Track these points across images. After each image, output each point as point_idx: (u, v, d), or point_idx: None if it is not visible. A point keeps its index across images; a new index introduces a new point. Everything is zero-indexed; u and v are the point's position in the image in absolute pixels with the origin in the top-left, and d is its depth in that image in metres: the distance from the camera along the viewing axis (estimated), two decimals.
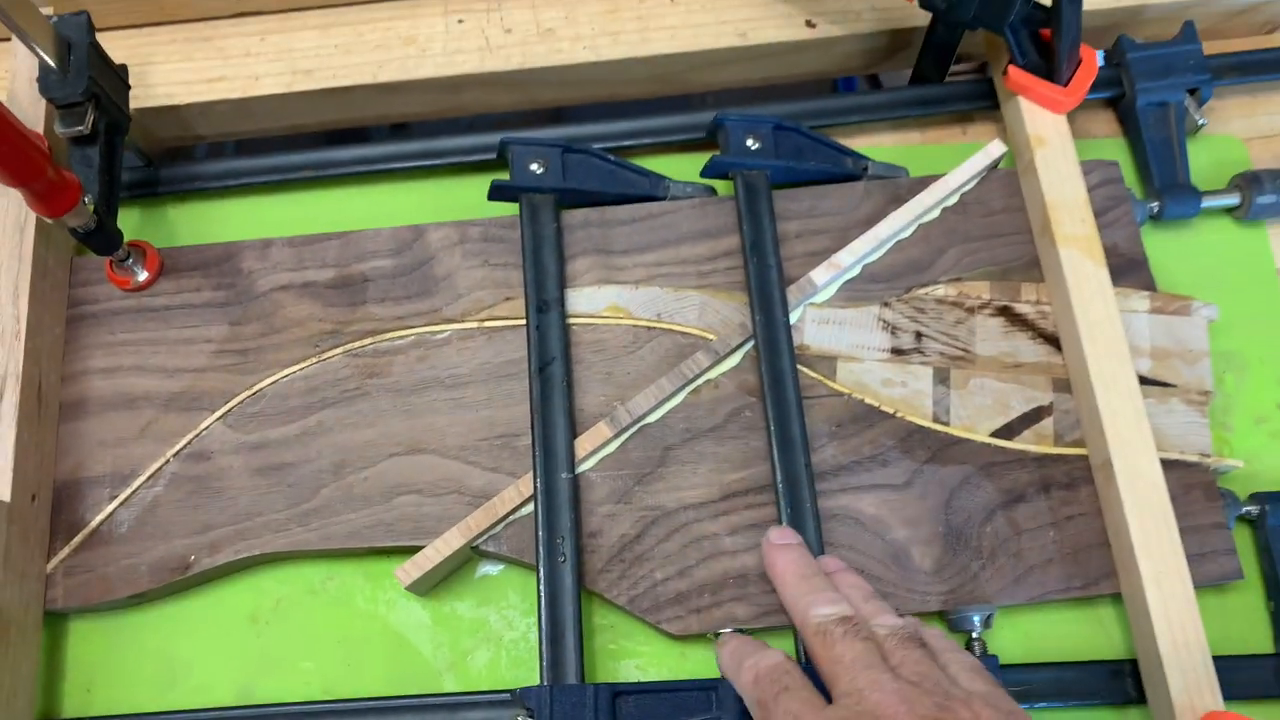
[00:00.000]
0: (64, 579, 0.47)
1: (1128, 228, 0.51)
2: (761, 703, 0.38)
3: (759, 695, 0.38)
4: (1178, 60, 0.54)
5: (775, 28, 0.57)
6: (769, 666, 0.39)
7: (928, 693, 0.35)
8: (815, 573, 0.42)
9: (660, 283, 0.51)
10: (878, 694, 0.35)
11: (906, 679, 0.36)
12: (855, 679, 0.36)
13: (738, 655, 0.41)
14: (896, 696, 0.35)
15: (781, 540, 0.44)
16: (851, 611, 0.39)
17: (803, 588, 0.41)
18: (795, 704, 0.36)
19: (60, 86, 0.47)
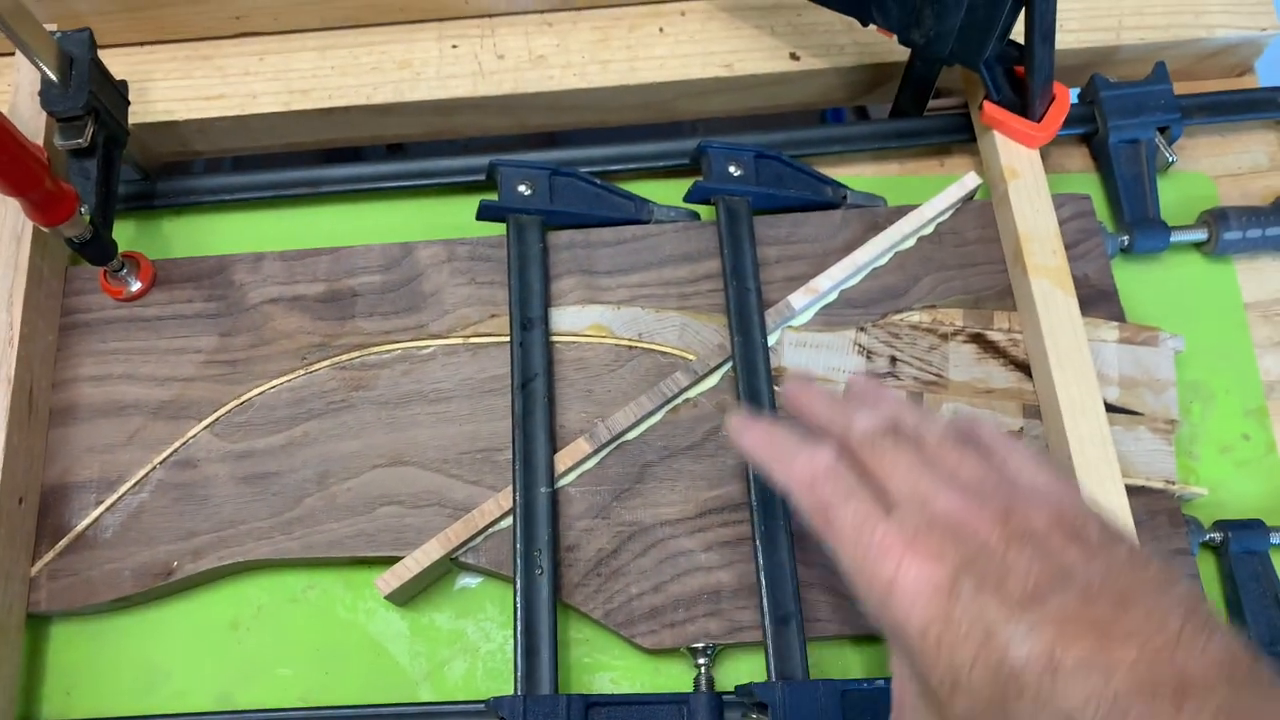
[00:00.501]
0: (48, 582, 0.48)
1: (1098, 260, 0.53)
2: (822, 507, 0.35)
3: (819, 499, 0.35)
4: (1149, 99, 0.56)
5: (760, 60, 0.59)
6: (828, 468, 0.36)
7: (990, 495, 0.33)
8: (839, 398, 0.40)
9: (642, 303, 0.52)
10: (942, 500, 0.33)
11: (967, 483, 0.34)
12: (916, 485, 0.34)
13: (783, 450, 0.38)
14: (962, 501, 0.33)
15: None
16: (895, 420, 0.37)
17: (837, 407, 0.39)
18: (863, 510, 0.34)
19: (61, 100, 0.48)
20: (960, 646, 0.30)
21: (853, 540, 0.34)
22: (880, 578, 0.32)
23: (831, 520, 0.35)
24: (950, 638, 0.30)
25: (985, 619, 0.29)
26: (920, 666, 0.31)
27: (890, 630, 0.33)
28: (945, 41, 0.51)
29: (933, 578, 0.31)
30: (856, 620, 0.46)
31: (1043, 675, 0.28)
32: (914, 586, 0.31)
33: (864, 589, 0.33)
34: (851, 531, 0.34)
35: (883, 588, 0.32)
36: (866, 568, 0.33)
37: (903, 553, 0.32)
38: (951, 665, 0.30)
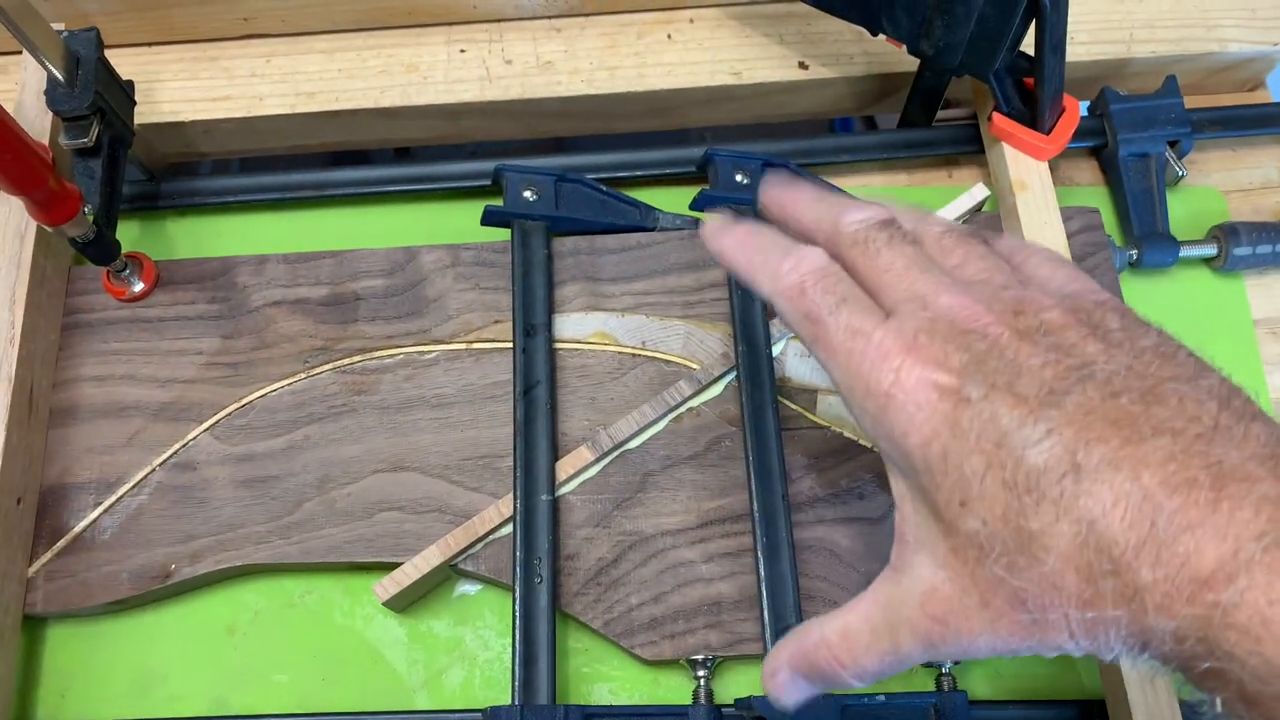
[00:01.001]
0: (45, 583, 0.47)
1: (1107, 274, 0.52)
2: (812, 316, 0.31)
3: (808, 307, 0.31)
4: (1159, 113, 0.55)
5: (769, 68, 0.59)
6: (817, 270, 0.32)
7: (998, 291, 0.30)
8: (828, 196, 0.35)
9: (646, 311, 0.52)
10: (945, 296, 0.29)
11: (971, 279, 0.31)
12: (913, 285, 0.30)
13: (766, 252, 0.34)
14: (966, 298, 0.29)
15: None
16: (890, 216, 0.33)
17: (824, 204, 0.34)
18: (857, 317, 0.30)
19: (67, 99, 0.48)
20: (969, 457, 0.27)
21: (845, 350, 0.30)
22: (877, 389, 0.29)
23: (821, 330, 0.31)
24: (958, 448, 0.27)
25: (997, 424, 0.27)
26: (924, 485, 0.29)
27: (889, 448, 0.30)
28: (955, 52, 0.51)
29: (936, 382, 0.28)
30: None
31: (1064, 479, 0.25)
32: (915, 394, 0.28)
33: (859, 404, 0.30)
34: (844, 340, 0.30)
35: (880, 400, 0.29)
36: (861, 379, 0.30)
37: (901, 358, 0.29)
38: (960, 479, 0.27)
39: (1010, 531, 0.26)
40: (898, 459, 0.30)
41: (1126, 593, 0.25)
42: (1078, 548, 0.25)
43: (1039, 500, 0.26)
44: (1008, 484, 0.26)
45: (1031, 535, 0.26)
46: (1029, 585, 0.26)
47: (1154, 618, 0.24)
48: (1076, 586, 0.26)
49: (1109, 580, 0.25)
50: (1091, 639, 0.26)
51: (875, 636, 0.31)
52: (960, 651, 0.29)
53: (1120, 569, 0.25)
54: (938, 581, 0.29)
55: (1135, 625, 0.25)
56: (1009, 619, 0.27)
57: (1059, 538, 0.26)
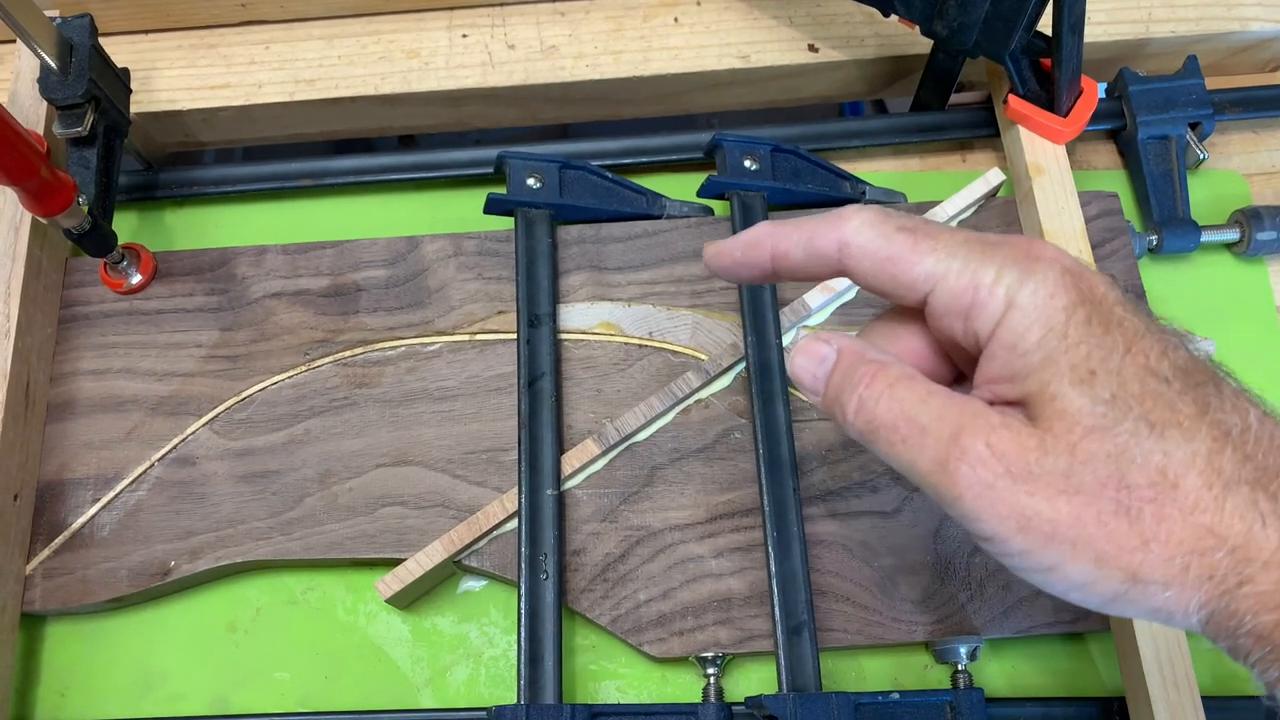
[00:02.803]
0: (43, 581, 0.47)
1: (1125, 260, 0.51)
2: (907, 228, 0.30)
3: (897, 223, 0.30)
4: (1180, 94, 0.54)
5: (778, 51, 0.57)
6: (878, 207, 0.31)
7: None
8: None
9: (653, 301, 0.51)
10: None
11: None
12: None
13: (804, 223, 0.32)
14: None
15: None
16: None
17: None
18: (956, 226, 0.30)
19: (60, 88, 0.47)
20: (1111, 328, 0.27)
21: (962, 237, 0.29)
22: (1013, 255, 0.28)
23: (923, 229, 0.30)
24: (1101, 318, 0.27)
25: (1137, 314, 0.27)
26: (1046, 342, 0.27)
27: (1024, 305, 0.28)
28: (970, 33, 0.49)
29: (1075, 263, 0.28)
30: (872, 630, 0.45)
31: (1204, 388, 0.26)
32: (1065, 261, 0.28)
33: (984, 277, 0.28)
34: (955, 232, 0.29)
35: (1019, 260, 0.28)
36: (992, 252, 0.28)
37: (1030, 239, 0.29)
38: (1101, 348, 0.26)
39: (1140, 412, 0.26)
40: (1024, 329, 0.27)
41: (1253, 508, 0.25)
42: (1213, 451, 0.25)
43: (1182, 391, 0.26)
44: (1148, 368, 0.26)
45: (1166, 422, 0.25)
46: (1140, 471, 0.25)
47: (1265, 552, 0.24)
48: (1196, 490, 0.25)
49: (1239, 491, 0.25)
50: (1172, 561, 0.25)
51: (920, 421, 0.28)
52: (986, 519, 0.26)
53: (1256, 484, 0.25)
54: (1017, 428, 0.27)
55: (1239, 555, 0.25)
56: (1089, 504, 0.25)
57: (1194, 435, 0.25)
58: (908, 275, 0.29)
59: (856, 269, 0.30)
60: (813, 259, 0.31)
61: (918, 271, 0.29)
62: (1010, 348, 0.27)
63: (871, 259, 0.30)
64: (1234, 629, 0.25)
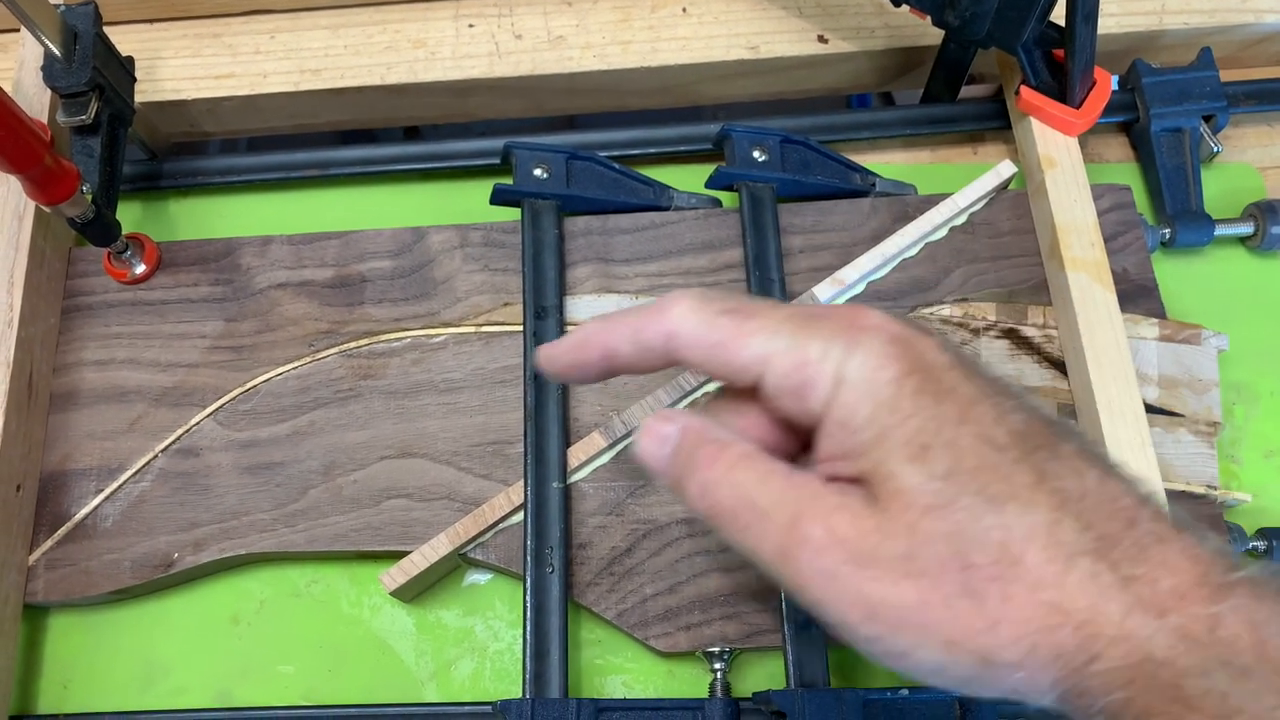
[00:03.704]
0: (45, 572, 0.46)
1: (1138, 253, 0.50)
2: (731, 310, 0.29)
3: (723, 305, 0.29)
4: (1194, 86, 0.53)
5: (787, 42, 0.57)
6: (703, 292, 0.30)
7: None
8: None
9: (661, 293, 0.50)
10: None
11: None
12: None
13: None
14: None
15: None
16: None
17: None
18: (783, 305, 0.29)
19: (64, 75, 0.47)
20: (943, 398, 0.26)
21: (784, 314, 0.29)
22: (838, 329, 0.27)
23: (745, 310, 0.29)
24: (933, 389, 0.26)
25: (971, 381, 0.27)
26: (877, 418, 0.26)
27: (852, 382, 0.27)
28: (982, 23, 0.49)
29: (906, 329, 0.27)
30: None
31: (1040, 452, 0.26)
32: (892, 329, 0.27)
33: (809, 354, 0.27)
34: (780, 310, 0.29)
35: (844, 334, 0.27)
36: (815, 327, 0.28)
37: (856, 309, 0.28)
38: (935, 421, 0.26)
39: (976, 486, 0.25)
40: (854, 407, 0.26)
41: (1094, 583, 0.24)
42: (1052, 522, 0.24)
43: (1018, 460, 0.25)
44: (983, 437, 0.25)
45: (1004, 495, 0.25)
46: (982, 550, 0.24)
47: (1112, 625, 0.23)
48: (1039, 564, 0.24)
49: (1081, 563, 0.24)
50: (1021, 640, 0.24)
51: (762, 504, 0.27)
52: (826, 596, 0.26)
53: (1098, 554, 0.24)
54: (856, 510, 0.26)
55: (1085, 632, 0.24)
56: (933, 587, 0.24)
57: (1034, 505, 0.25)
58: (737, 360, 0.28)
59: (687, 358, 0.29)
60: (644, 353, 0.30)
61: (746, 355, 0.28)
62: (843, 425, 0.26)
63: (699, 347, 0.29)
64: (1087, 707, 0.24)
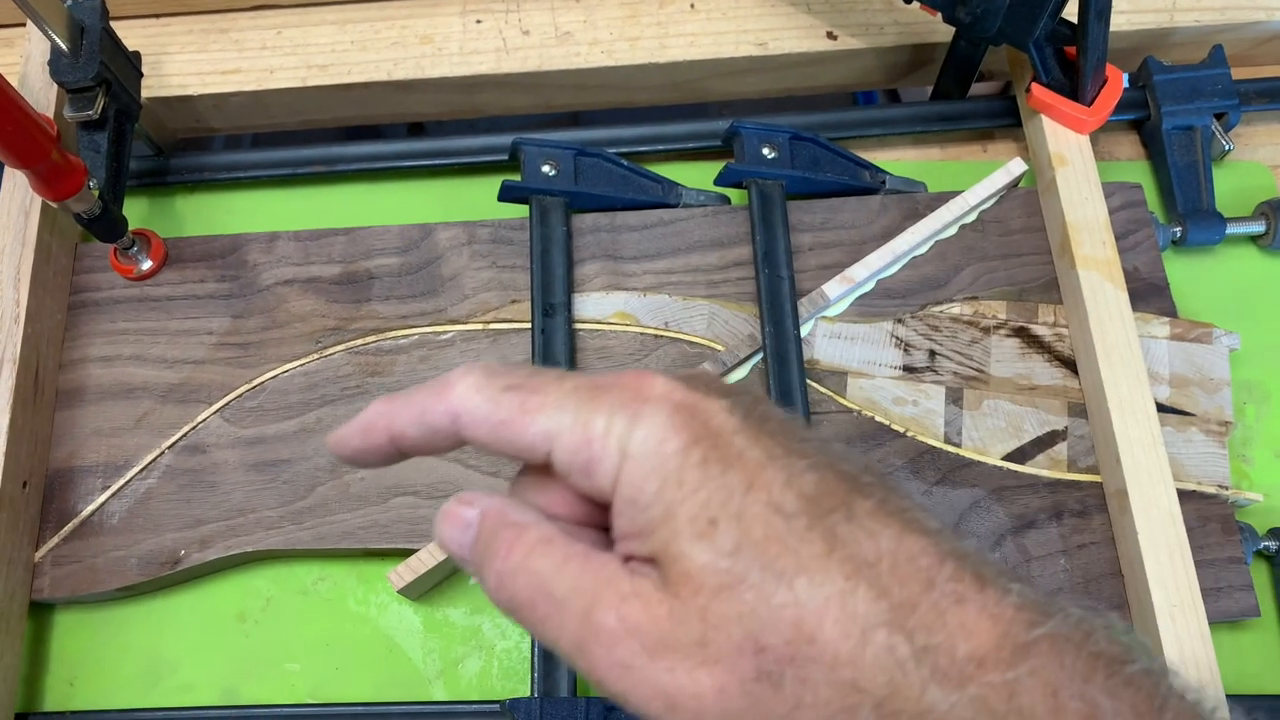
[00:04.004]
0: (52, 569, 0.46)
1: (1149, 252, 0.50)
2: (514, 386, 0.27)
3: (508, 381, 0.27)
4: (1205, 84, 0.53)
5: (796, 38, 0.57)
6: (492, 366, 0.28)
7: None
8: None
9: (669, 291, 0.50)
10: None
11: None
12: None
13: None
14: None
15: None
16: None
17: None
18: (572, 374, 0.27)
19: (71, 70, 0.47)
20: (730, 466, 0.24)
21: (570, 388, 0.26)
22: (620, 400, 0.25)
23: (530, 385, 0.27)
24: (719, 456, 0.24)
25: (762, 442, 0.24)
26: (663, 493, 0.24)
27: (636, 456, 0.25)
28: (993, 20, 0.48)
29: (688, 393, 0.25)
30: None
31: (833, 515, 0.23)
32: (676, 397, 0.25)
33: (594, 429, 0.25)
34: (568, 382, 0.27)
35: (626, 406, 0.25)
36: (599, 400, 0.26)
37: (641, 377, 0.26)
38: (721, 492, 0.24)
39: (767, 558, 0.23)
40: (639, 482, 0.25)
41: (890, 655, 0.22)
42: (845, 592, 0.23)
43: (809, 527, 0.23)
44: (772, 504, 0.24)
45: (797, 567, 0.23)
46: (776, 629, 0.23)
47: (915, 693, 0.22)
48: (835, 641, 0.23)
49: (877, 635, 0.22)
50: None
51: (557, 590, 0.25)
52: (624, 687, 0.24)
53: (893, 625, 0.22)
54: (648, 595, 0.24)
55: (886, 708, 0.22)
56: (727, 673, 0.23)
57: (828, 575, 0.23)
58: (523, 438, 0.26)
59: (474, 438, 0.27)
60: (432, 434, 0.28)
61: (533, 433, 0.26)
62: (632, 502, 0.25)
63: (484, 425, 0.27)
64: None
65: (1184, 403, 0.47)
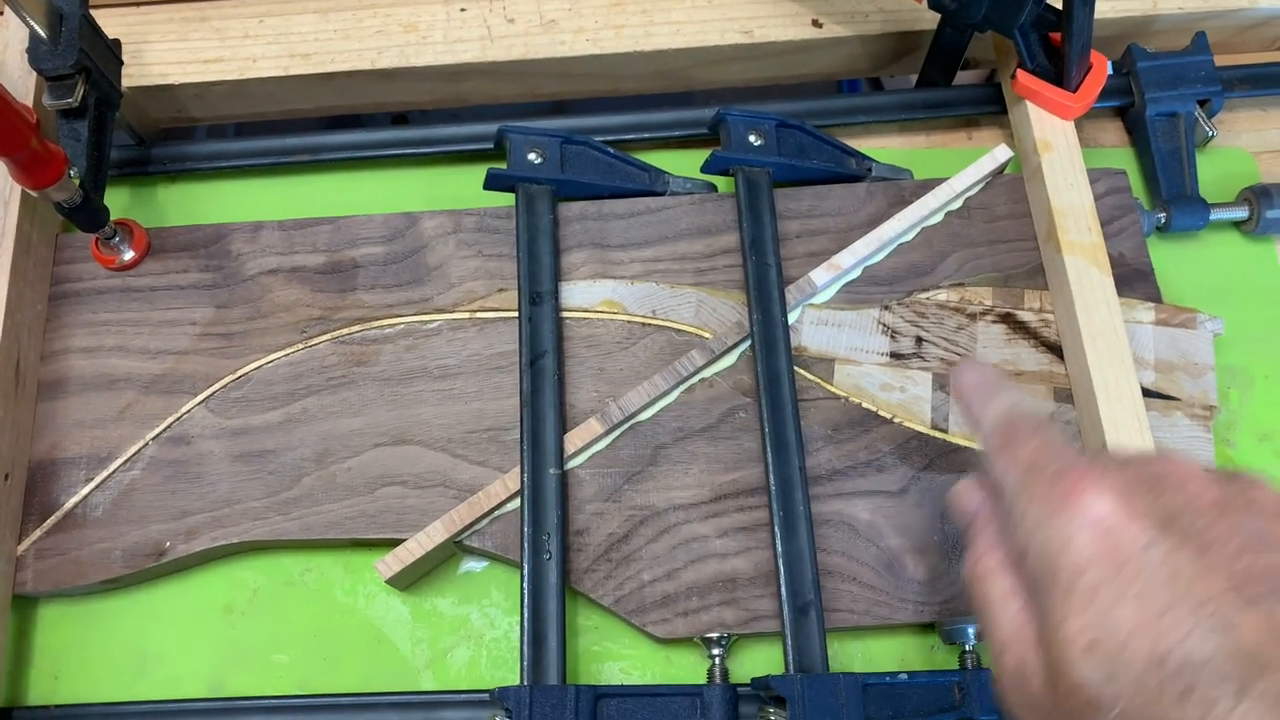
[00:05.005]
0: (35, 561, 0.46)
1: (1134, 237, 0.50)
2: (1008, 433, 0.31)
3: (1007, 425, 0.32)
4: (1189, 71, 0.53)
5: (781, 26, 0.56)
6: (1030, 408, 0.33)
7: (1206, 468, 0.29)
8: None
9: (657, 279, 0.50)
10: (1155, 462, 0.28)
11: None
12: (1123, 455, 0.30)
13: (991, 385, 0.34)
14: (1172, 460, 0.28)
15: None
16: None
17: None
18: (1055, 441, 0.30)
19: (50, 58, 0.46)
20: (1122, 605, 0.25)
21: (1030, 461, 0.29)
22: (1050, 495, 0.28)
23: (1014, 443, 0.31)
24: (1112, 590, 0.25)
25: (1170, 587, 0.25)
26: (1049, 605, 0.27)
27: (1037, 554, 0.28)
28: (979, 7, 0.48)
29: (1116, 518, 0.26)
30: (879, 610, 0.44)
31: (1223, 685, 0.23)
32: (1088, 514, 0.26)
33: (1025, 506, 0.29)
34: (1033, 451, 0.30)
35: (1050, 506, 0.27)
36: (1038, 484, 0.28)
37: (1087, 479, 0.27)
38: (1101, 622, 0.25)
39: (1137, 703, 0.24)
40: (1038, 566, 0.28)
41: None
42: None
43: (1184, 694, 0.24)
44: (1154, 657, 0.24)
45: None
46: None
47: None
48: None
49: None
50: None
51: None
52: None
53: None
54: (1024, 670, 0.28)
55: None
56: None
57: None
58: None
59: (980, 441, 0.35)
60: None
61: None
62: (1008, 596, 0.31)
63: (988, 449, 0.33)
64: None
65: (1169, 387, 0.48)
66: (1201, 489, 0.27)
